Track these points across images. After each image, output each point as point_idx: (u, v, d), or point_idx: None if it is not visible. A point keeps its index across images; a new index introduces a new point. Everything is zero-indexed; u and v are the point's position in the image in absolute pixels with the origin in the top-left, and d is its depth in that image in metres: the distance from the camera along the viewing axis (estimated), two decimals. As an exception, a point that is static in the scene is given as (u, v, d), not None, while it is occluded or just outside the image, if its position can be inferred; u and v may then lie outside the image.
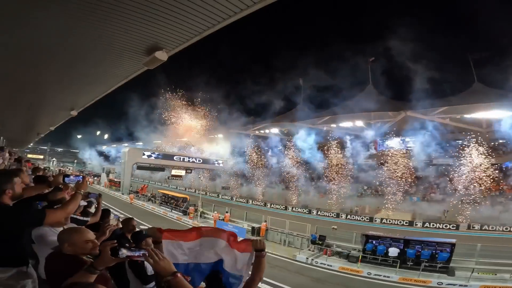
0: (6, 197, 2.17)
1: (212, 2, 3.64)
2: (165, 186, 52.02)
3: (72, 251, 1.89)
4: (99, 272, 1.63)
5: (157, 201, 32.65)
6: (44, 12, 4.06)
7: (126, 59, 5.64)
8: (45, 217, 2.22)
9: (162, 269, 1.48)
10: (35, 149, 78.22)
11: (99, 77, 7.19)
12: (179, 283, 1.47)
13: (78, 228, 2.14)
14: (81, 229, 2.06)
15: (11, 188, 2.21)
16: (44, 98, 10.40)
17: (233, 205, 33.83)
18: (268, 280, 12.06)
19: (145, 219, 22.34)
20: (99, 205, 3.91)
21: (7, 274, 2.08)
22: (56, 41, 5.20)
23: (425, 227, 28.04)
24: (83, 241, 1.93)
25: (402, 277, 13.37)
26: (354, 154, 41.69)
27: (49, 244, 2.27)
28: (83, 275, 1.60)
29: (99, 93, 9.10)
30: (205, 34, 4.42)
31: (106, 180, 49.01)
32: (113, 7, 3.84)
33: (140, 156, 41.03)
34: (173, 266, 1.52)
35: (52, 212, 2.36)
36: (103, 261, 1.65)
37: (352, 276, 14.04)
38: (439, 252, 13.97)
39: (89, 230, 2.07)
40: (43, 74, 7.32)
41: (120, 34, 4.65)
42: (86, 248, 1.93)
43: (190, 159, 45.55)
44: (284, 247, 18.40)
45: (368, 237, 16.03)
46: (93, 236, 2.03)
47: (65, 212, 2.45)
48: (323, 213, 34.42)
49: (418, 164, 35.55)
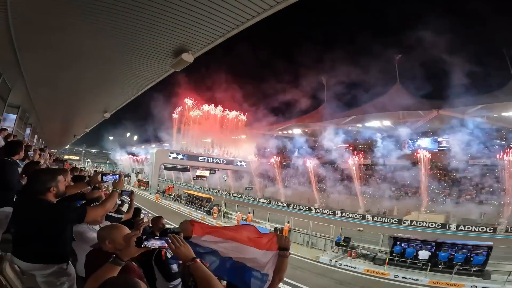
0: (50, 195, 2.26)
1: (236, 3, 3.75)
2: (190, 186, 53.29)
3: (112, 248, 1.94)
4: (124, 263, 1.68)
5: (182, 201, 33.54)
6: (81, 20, 4.39)
7: (155, 62, 5.94)
8: (86, 214, 2.31)
9: (183, 254, 1.52)
10: (71, 150, 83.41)
11: (129, 80, 7.58)
12: (199, 268, 1.50)
13: (117, 225, 2.17)
14: (120, 226, 2.10)
15: (55, 186, 2.30)
16: (80, 101, 11.14)
17: (256, 206, 33.97)
18: (290, 281, 12.00)
19: (172, 219, 23.00)
20: (132, 202, 4.05)
21: (48, 271, 2.19)
22: (91, 46, 5.60)
23: (460, 229, 26.51)
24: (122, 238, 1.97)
25: (432, 280, 12.82)
26: (384, 154, 40.21)
27: (88, 241, 2.36)
28: (109, 266, 1.65)
29: (129, 95, 9.58)
30: (228, 36, 4.54)
31: (136, 180, 51.12)
32: (143, 13, 4.08)
33: (166, 156, 42.51)
34: (192, 252, 1.55)
35: (93, 209, 2.46)
36: (129, 252, 1.69)
37: (378, 278, 13.60)
38: (474, 255, 13.36)
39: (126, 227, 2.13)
40: (80, 78, 7.88)
41: (149, 38, 4.92)
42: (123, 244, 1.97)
43: (214, 159, 46.53)
44: (307, 248, 18.22)
45: (396, 239, 15.52)
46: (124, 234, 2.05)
47: (104, 210, 2.52)
48: (348, 214, 33.58)
49: (453, 165, 33.70)
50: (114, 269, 1.65)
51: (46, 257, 2.19)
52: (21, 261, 2.17)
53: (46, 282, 2.21)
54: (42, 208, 2.18)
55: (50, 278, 2.21)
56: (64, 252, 2.33)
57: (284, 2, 3.65)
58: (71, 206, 2.62)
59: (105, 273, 1.62)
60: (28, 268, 2.19)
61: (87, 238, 2.52)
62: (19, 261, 2.18)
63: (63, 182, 2.43)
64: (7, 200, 3.18)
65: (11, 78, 7.99)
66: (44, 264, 2.19)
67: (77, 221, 2.41)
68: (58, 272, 2.24)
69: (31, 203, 2.21)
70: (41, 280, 2.21)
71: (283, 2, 3.71)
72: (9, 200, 3.19)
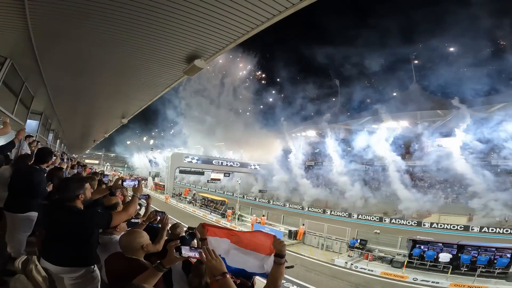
0: (79, 202, 2.41)
1: (245, 10, 3.81)
2: (205, 189, 53.91)
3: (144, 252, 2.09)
4: (166, 270, 1.76)
5: (197, 204, 33.92)
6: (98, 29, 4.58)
7: (168, 68, 6.09)
8: (112, 220, 2.43)
9: (214, 268, 1.53)
10: (91, 155, 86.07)
11: (144, 86, 7.77)
12: (227, 283, 1.50)
13: (139, 231, 2.25)
14: (140, 232, 2.20)
15: (83, 193, 2.44)
16: (98, 107, 11.52)
17: (271, 208, 33.89)
18: (304, 284, 11.94)
19: (187, 222, 23.23)
20: (148, 206, 4.16)
21: (76, 274, 2.31)
22: (108, 55, 5.81)
23: (483, 231, 25.44)
24: (142, 244, 2.09)
25: (453, 283, 12.47)
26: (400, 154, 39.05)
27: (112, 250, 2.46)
28: (153, 272, 1.73)
29: (145, 102, 9.82)
30: (240, 41, 4.61)
31: (152, 184, 52.20)
32: (157, 21, 4.22)
33: (182, 160, 43.24)
34: (224, 267, 1.57)
35: (118, 214, 2.57)
36: (170, 260, 1.75)
37: (396, 281, 13.30)
38: (498, 258, 12.95)
39: (145, 232, 2.22)
40: (98, 85, 8.17)
41: (162, 46, 5.06)
42: (144, 251, 2.11)
43: (228, 162, 46.84)
44: (321, 251, 18.02)
45: (415, 242, 15.18)
46: (148, 238, 2.18)
47: (127, 215, 2.62)
48: (364, 217, 32.85)
49: (474, 165, 32.39)
50: (156, 275, 1.73)
51: (74, 260, 2.31)
52: (51, 264, 2.29)
53: (73, 285, 2.33)
54: (71, 214, 2.31)
55: (78, 280, 2.33)
56: (91, 256, 2.44)
57: (293, 7, 3.67)
58: (98, 212, 2.74)
59: (149, 277, 1.71)
60: (57, 271, 2.31)
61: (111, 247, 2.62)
62: (49, 264, 2.30)
63: (89, 189, 2.57)
64: (33, 206, 3.38)
65: (34, 86, 8.37)
66: (73, 267, 2.31)
67: (103, 226, 2.52)
68: (85, 275, 2.36)
69: (61, 210, 2.34)
70: (69, 282, 2.33)
71: (293, 7, 3.73)
72: (35, 205, 3.38)
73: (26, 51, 5.67)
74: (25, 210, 3.31)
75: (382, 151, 37.81)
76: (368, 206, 35.27)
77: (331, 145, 43.63)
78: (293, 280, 12.13)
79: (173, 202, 36.63)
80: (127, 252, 2.06)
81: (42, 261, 2.37)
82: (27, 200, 3.33)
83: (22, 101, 8.17)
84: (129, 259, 2.03)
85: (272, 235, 2.15)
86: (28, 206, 3.33)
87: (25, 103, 8.67)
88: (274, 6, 3.65)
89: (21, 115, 8.26)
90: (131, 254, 2.05)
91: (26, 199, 3.33)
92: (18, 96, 7.64)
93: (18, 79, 7.44)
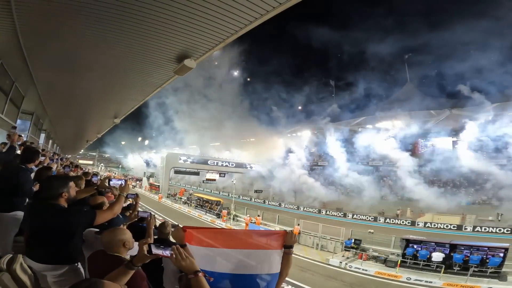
0: (62, 200, 2.41)
1: (234, 10, 3.83)
2: (200, 190, 53.73)
3: (126, 250, 2.07)
4: (137, 268, 1.76)
5: (192, 204, 33.81)
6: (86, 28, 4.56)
7: (159, 68, 6.09)
8: (95, 218, 2.44)
9: (184, 268, 1.54)
10: (85, 155, 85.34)
11: (135, 86, 7.76)
12: (199, 282, 1.51)
13: (123, 228, 2.26)
14: (121, 229, 2.20)
15: (67, 192, 2.45)
16: (90, 107, 11.46)
17: (266, 208, 33.90)
18: (299, 283, 11.94)
19: (181, 222, 23.21)
20: (136, 204, 4.19)
21: (59, 271, 2.31)
22: (97, 54, 5.79)
23: (476, 231, 25.71)
24: (124, 241, 2.08)
25: (446, 282, 12.56)
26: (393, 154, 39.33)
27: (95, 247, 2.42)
28: (123, 270, 1.73)
29: (137, 101, 9.80)
30: (229, 41, 4.64)
31: (147, 184, 51.91)
32: (147, 20, 4.22)
33: (177, 160, 43.03)
34: (196, 265, 1.56)
35: (102, 213, 2.59)
36: (140, 258, 1.76)
37: (390, 281, 13.36)
38: (490, 257, 13.07)
39: (127, 230, 2.22)
40: (88, 85, 8.13)
41: (152, 45, 5.07)
42: (126, 248, 2.10)
43: (224, 163, 46.76)
44: (316, 250, 18.07)
45: (409, 241, 15.28)
46: (131, 236, 2.17)
47: (112, 213, 2.64)
48: (359, 216, 33.03)
49: (468, 165, 32.83)
50: (127, 273, 1.72)
51: (57, 258, 2.31)
52: (34, 262, 2.28)
53: (56, 282, 2.31)
54: (54, 212, 2.31)
55: (61, 278, 2.32)
56: (75, 254, 2.44)
57: (280, 6, 3.70)
58: (82, 210, 2.72)
59: (119, 275, 1.70)
60: (40, 268, 2.29)
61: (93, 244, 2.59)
62: (31, 261, 2.28)
63: (74, 188, 2.57)
64: (19, 205, 3.36)
65: (24, 85, 8.31)
66: (56, 265, 2.31)
67: (87, 224, 2.51)
68: (68, 273, 2.35)
69: (44, 208, 2.34)
70: (52, 280, 2.31)
71: (280, 6, 3.76)
72: (21, 205, 3.36)
73: (14, 50, 5.64)
74: (10, 209, 3.28)
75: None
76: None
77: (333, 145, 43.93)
78: (288, 280, 12.12)
79: (168, 202, 36.46)
80: (109, 249, 2.05)
81: (25, 259, 2.35)
82: (13, 199, 3.30)
83: (13, 100, 8.11)
84: (111, 256, 2.03)
85: (283, 231, 2.31)
86: (14, 205, 3.31)
87: (15, 102, 8.61)
88: (261, 5, 3.68)
89: (11, 115, 8.20)
90: (112, 251, 2.04)
91: (12, 198, 3.30)
92: (8, 96, 7.58)
93: (8, 78, 7.39)
